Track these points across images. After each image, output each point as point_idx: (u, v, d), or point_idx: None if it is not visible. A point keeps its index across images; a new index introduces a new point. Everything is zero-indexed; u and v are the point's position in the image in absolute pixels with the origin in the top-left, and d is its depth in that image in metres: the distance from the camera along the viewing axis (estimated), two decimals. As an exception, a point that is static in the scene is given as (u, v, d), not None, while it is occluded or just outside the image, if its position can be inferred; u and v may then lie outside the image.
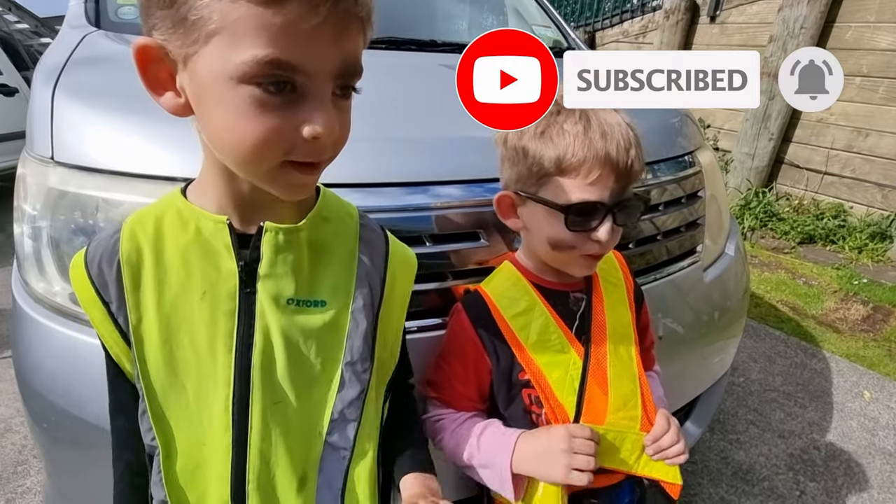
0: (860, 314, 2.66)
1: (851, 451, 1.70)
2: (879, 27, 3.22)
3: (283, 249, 0.48)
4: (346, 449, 0.53)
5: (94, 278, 0.48)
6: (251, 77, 0.36)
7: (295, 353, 0.50)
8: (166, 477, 0.50)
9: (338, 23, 0.37)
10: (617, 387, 0.64)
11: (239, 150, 0.40)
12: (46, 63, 0.98)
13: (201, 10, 0.35)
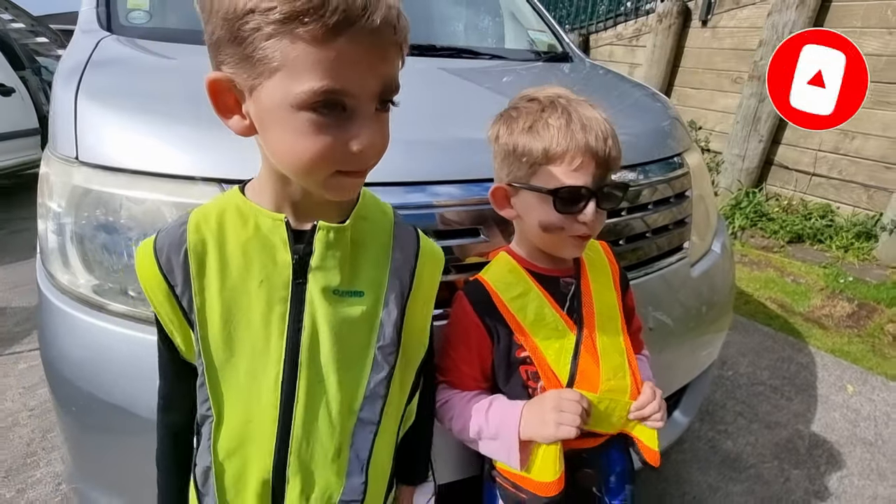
0: (845, 311, 2.74)
1: (834, 440, 1.77)
2: (865, 32, 3.30)
3: (332, 246, 0.54)
4: (373, 423, 0.59)
5: (162, 265, 0.53)
6: (308, 104, 0.42)
7: (337, 337, 0.55)
8: (215, 444, 0.55)
9: (379, 51, 0.43)
10: (607, 360, 0.69)
11: (298, 165, 0.46)
12: (65, 66, 1.03)
13: (265, 50, 0.40)
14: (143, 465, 0.77)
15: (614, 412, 0.69)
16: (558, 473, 0.65)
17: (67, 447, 0.87)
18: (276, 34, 0.39)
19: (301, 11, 0.38)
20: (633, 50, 5.32)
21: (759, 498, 1.52)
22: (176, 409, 0.61)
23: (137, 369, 0.75)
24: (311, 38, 0.39)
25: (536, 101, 0.69)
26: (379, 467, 0.61)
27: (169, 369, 0.60)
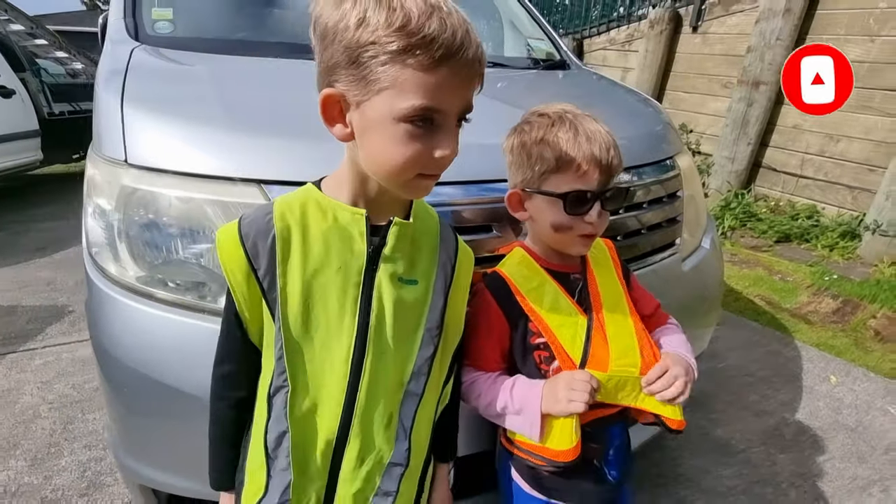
0: (830, 307, 2.86)
1: (818, 427, 1.87)
2: (849, 40, 3.44)
3: (401, 239, 0.63)
4: (417, 395, 0.68)
5: (247, 249, 0.60)
6: (408, 117, 0.51)
7: (397, 318, 0.64)
8: (290, 412, 0.62)
9: (466, 80, 0.53)
10: (616, 341, 0.78)
11: (391, 166, 0.55)
12: (104, 74, 1.11)
13: (378, 74, 0.50)
14: (186, 438, 0.86)
15: (625, 387, 0.77)
16: (574, 442, 0.73)
17: (115, 424, 0.94)
18: (390, 61, 0.49)
19: (414, 45, 0.48)
20: (626, 55, 5.45)
21: (747, 480, 1.61)
22: (237, 387, 0.68)
23: (185, 351, 0.84)
24: (419, 66, 0.49)
25: (546, 116, 0.77)
26: (420, 437, 0.70)
27: (234, 350, 0.66)
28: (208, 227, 0.87)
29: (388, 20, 0.47)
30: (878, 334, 2.59)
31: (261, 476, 0.64)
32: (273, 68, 1.28)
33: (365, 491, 0.66)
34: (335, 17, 0.50)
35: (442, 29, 0.48)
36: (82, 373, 2.04)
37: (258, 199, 0.86)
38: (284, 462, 0.63)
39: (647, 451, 1.71)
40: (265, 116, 1.00)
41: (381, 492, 0.67)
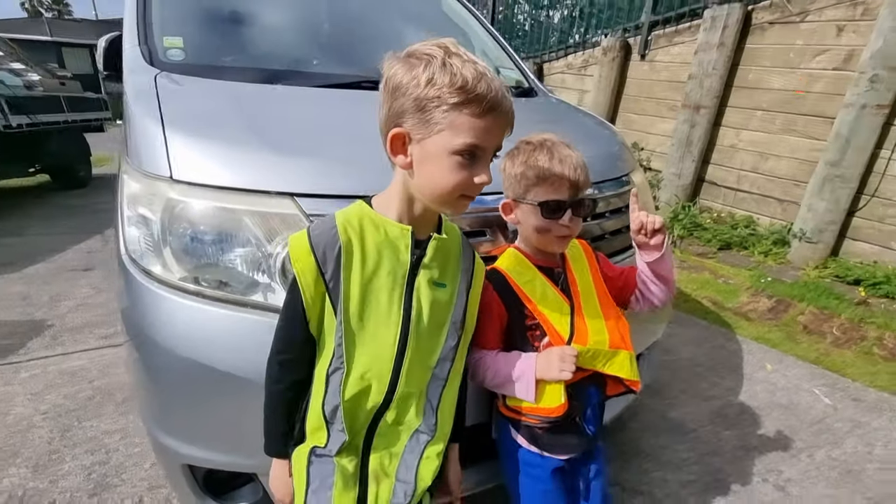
0: (766, 306, 3.22)
1: (756, 407, 2.15)
2: (773, 71, 3.91)
3: (437, 251, 0.78)
4: (442, 379, 0.84)
5: (318, 257, 0.74)
6: (459, 152, 0.68)
7: (431, 313, 0.79)
8: (343, 389, 0.76)
9: (503, 126, 0.72)
10: (591, 322, 0.98)
11: (442, 189, 0.71)
12: (136, 98, 1.23)
13: (438, 119, 0.67)
14: (229, 416, 0.99)
15: (598, 357, 0.97)
16: (562, 401, 0.92)
17: (158, 409, 1.05)
18: (449, 110, 0.66)
19: (469, 100, 0.66)
20: (583, 78, 5.86)
21: (698, 453, 1.85)
22: (295, 372, 0.80)
23: (227, 338, 0.97)
24: (471, 114, 0.67)
25: (531, 143, 0.97)
26: (445, 415, 0.85)
27: (294, 340, 0.79)
28: (246, 234, 1.01)
29: (451, 81, 0.65)
30: (806, 328, 2.95)
31: (321, 435, 0.79)
32: (288, 93, 1.43)
33: (393, 445, 0.82)
34: (408, 77, 0.67)
35: (489, 90, 0.67)
36: (72, 384, 2.07)
37: (291, 210, 1.01)
38: (339, 426, 0.78)
39: (615, 433, 1.93)
40: (292, 137, 1.16)
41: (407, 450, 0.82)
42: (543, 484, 1.01)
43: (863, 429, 2.04)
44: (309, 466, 0.79)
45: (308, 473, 0.79)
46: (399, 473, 0.82)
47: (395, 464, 0.82)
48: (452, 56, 0.67)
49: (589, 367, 0.96)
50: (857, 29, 3.39)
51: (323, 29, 2.03)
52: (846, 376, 2.44)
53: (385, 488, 0.81)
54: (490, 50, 2.41)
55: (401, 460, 0.82)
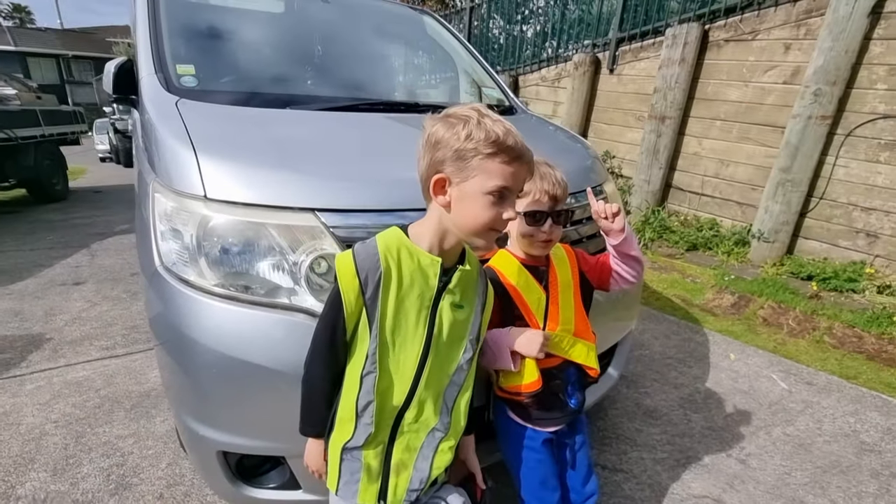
0: (729, 302, 3.48)
1: (720, 392, 2.38)
2: (730, 84, 4.24)
3: (461, 279, 0.91)
4: (458, 385, 0.99)
5: (361, 280, 0.85)
6: (491, 192, 0.80)
7: (451, 331, 0.92)
8: (376, 387, 0.89)
9: (526, 172, 0.85)
10: (562, 312, 1.15)
11: (475, 223, 0.82)
12: (161, 122, 1.36)
13: (475, 166, 0.80)
14: (263, 405, 1.13)
15: (562, 342, 1.15)
16: (536, 377, 1.09)
17: (196, 402, 1.17)
18: (483, 158, 0.80)
19: (500, 151, 0.80)
20: (556, 90, 6.14)
21: (670, 435, 2.05)
22: (331, 368, 0.93)
23: (260, 336, 1.11)
24: (501, 161, 0.81)
25: None
26: (459, 415, 1.00)
27: (336, 342, 0.90)
28: (272, 244, 1.15)
29: (486, 136, 0.79)
30: (765, 321, 3.22)
31: (349, 426, 0.92)
32: (299, 116, 1.58)
33: (413, 441, 0.96)
34: (449, 133, 0.81)
35: (515, 143, 0.81)
36: (79, 393, 2.14)
37: (313, 223, 1.16)
38: (368, 419, 0.92)
39: (596, 420, 2.12)
40: (308, 156, 1.31)
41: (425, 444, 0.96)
42: (537, 454, 1.18)
43: (813, 408, 2.28)
44: (341, 463, 0.94)
45: (340, 469, 0.94)
46: (416, 464, 0.96)
47: (414, 457, 0.96)
48: (485, 117, 0.81)
49: (555, 353, 1.14)
50: (802, 47, 3.74)
51: (320, 55, 2.18)
52: (800, 363, 2.70)
53: (404, 478, 0.95)
54: (472, 71, 2.60)
55: (419, 453, 0.96)
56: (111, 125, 11.36)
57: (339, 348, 0.92)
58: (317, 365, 0.94)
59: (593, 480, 1.28)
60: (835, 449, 2.00)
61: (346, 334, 0.91)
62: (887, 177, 3.43)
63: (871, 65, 3.41)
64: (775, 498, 1.73)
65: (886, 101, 3.37)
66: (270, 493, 1.24)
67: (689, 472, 1.84)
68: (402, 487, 0.95)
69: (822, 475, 1.85)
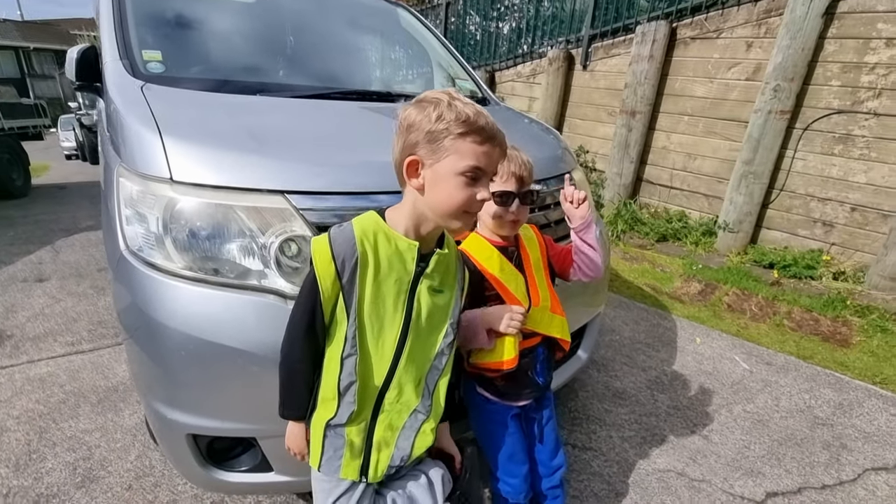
0: (696, 289, 3.61)
1: (686, 374, 2.47)
2: (695, 80, 4.38)
3: (439, 263, 0.91)
4: (439, 369, 1.00)
5: (337, 266, 0.84)
6: (464, 173, 0.80)
7: (430, 315, 0.92)
8: (356, 368, 0.90)
9: (499, 153, 0.85)
10: (540, 290, 1.19)
11: (449, 205, 0.82)
12: (127, 107, 1.34)
13: (447, 146, 0.80)
14: (234, 386, 1.13)
15: (542, 318, 1.19)
16: (514, 354, 1.13)
17: (165, 386, 1.17)
18: (455, 138, 0.80)
19: (470, 130, 0.81)
20: (531, 86, 6.22)
21: (637, 414, 2.13)
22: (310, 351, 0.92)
23: (229, 317, 1.11)
24: (473, 141, 0.81)
25: None
26: (439, 397, 1.02)
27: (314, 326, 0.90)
28: (241, 227, 1.16)
29: (456, 117, 0.79)
30: (729, 307, 3.35)
31: (332, 405, 0.93)
32: (269, 103, 1.57)
33: (395, 420, 0.97)
34: (420, 116, 0.81)
35: (486, 123, 0.82)
36: (42, 389, 2.08)
37: (282, 205, 1.16)
38: (351, 398, 0.93)
39: (566, 401, 2.18)
40: (278, 140, 1.31)
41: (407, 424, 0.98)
42: (505, 428, 1.22)
43: (772, 387, 2.39)
44: (324, 440, 0.95)
45: (323, 445, 0.95)
46: (398, 443, 0.98)
47: (396, 435, 0.98)
48: (455, 100, 0.81)
49: (533, 328, 1.18)
50: (763, 45, 3.89)
51: (292, 45, 2.16)
52: (761, 345, 2.82)
53: (385, 455, 0.97)
54: (446, 63, 2.62)
55: (400, 433, 0.98)
56: (77, 121, 10.91)
57: (317, 333, 0.92)
58: (296, 350, 0.93)
59: (561, 454, 1.33)
60: (790, 423, 2.11)
61: (325, 319, 0.91)
62: (841, 168, 3.61)
63: (825, 62, 3.58)
64: (734, 469, 1.82)
65: (840, 97, 3.54)
66: (242, 475, 1.24)
67: (655, 448, 1.91)
68: (384, 464, 0.97)
69: (778, 447, 1.95)
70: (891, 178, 3.40)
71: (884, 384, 2.46)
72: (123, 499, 1.55)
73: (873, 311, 3.17)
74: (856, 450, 1.96)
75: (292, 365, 0.95)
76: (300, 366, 0.94)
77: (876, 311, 3.17)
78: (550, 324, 1.22)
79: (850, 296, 3.35)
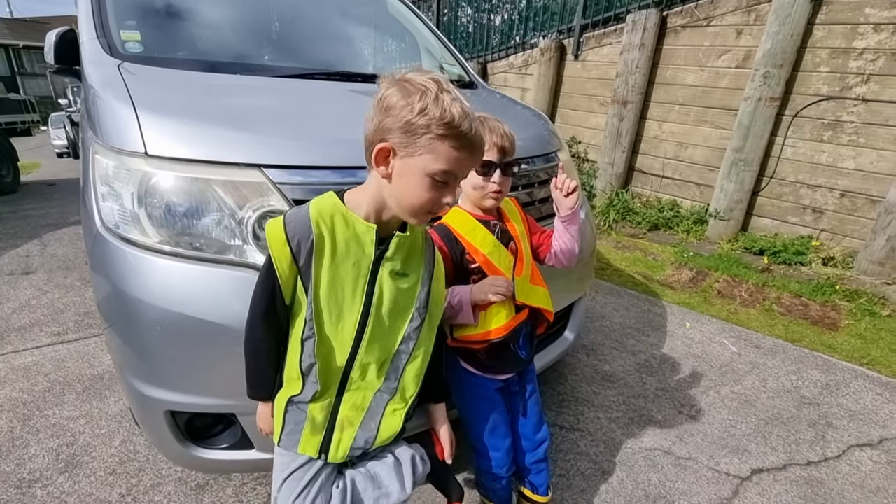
0: (687, 277, 3.62)
1: (675, 357, 2.48)
2: (686, 69, 4.37)
3: (399, 246, 0.88)
4: (407, 352, 0.95)
5: (292, 247, 0.82)
6: (434, 175, 0.76)
7: (392, 300, 0.89)
8: (315, 351, 0.88)
9: (475, 160, 0.81)
10: (525, 259, 1.18)
11: (411, 203, 0.79)
12: (103, 84, 1.32)
13: (423, 143, 0.75)
14: (211, 362, 1.12)
15: (525, 288, 1.18)
16: (507, 320, 1.12)
17: (142, 363, 1.15)
18: (434, 138, 0.74)
19: (452, 134, 0.75)
20: (524, 77, 6.20)
21: (625, 396, 2.13)
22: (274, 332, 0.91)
23: (205, 291, 1.10)
24: (451, 146, 0.75)
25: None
26: (408, 381, 0.97)
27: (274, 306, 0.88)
28: (218, 201, 1.14)
29: (440, 115, 0.73)
30: (720, 293, 3.36)
31: (298, 384, 0.92)
32: (248, 82, 1.56)
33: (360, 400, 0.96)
34: (403, 102, 0.74)
35: (470, 129, 0.76)
36: (26, 378, 2.06)
37: (259, 179, 1.15)
38: (314, 378, 0.91)
39: (555, 384, 2.18)
40: (256, 116, 1.29)
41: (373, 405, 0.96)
42: (488, 401, 1.22)
43: (760, 369, 2.40)
44: (286, 414, 0.94)
45: (284, 419, 0.94)
46: (363, 423, 0.96)
47: (361, 416, 0.96)
48: (444, 93, 0.75)
49: (520, 300, 1.17)
50: (752, 32, 3.89)
51: (274, 26, 2.14)
52: (750, 329, 2.83)
53: (348, 435, 0.95)
54: (433, 48, 2.61)
55: (366, 413, 0.96)
56: (67, 118, 10.80)
57: (279, 314, 0.90)
58: (257, 330, 0.92)
59: (545, 428, 1.32)
60: (777, 403, 2.12)
61: (285, 300, 0.89)
62: (830, 155, 3.62)
63: (814, 48, 3.58)
64: (721, 448, 1.82)
65: (829, 83, 3.55)
66: (222, 453, 1.23)
67: (642, 428, 1.91)
68: (346, 444, 0.95)
69: (764, 426, 1.96)
70: (879, 163, 3.41)
71: (870, 365, 2.47)
72: (107, 483, 1.54)
73: (861, 295, 3.19)
74: (841, 428, 1.97)
75: (254, 344, 0.93)
76: (262, 345, 0.93)
77: (864, 295, 3.19)
78: (533, 294, 1.21)
79: (839, 281, 3.37)
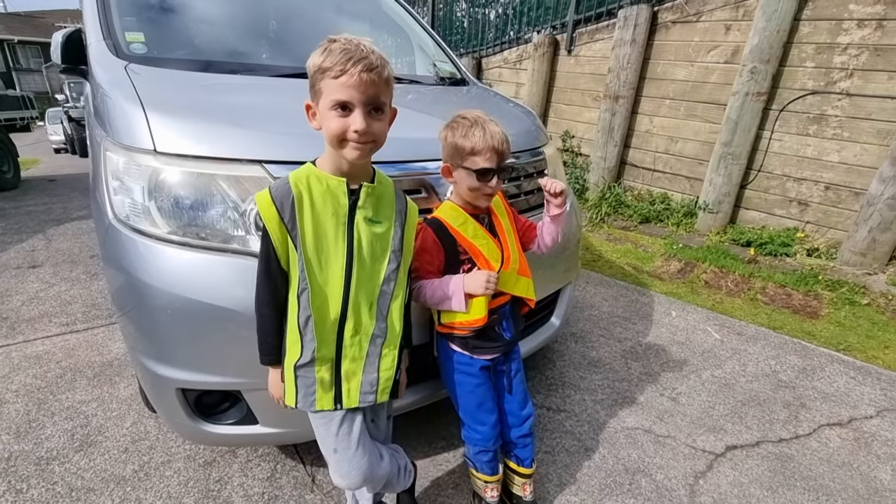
0: (676, 268, 3.72)
1: (660, 344, 2.58)
2: (677, 64, 4.45)
3: (369, 196, 1.02)
4: (389, 293, 1.09)
5: (278, 207, 0.95)
6: (333, 106, 0.91)
7: (371, 245, 1.03)
8: (310, 303, 1.00)
9: (366, 84, 0.90)
10: (512, 253, 1.28)
11: (331, 136, 0.93)
12: (111, 84, 1.40)
13: (319, 87, 0.92)
14: (220, 342, 1.21)
15: (509, 279, 1.28)
16: (484, 313, 1.22)
17: (153, 344, 1.25)
18: (322, 79, 0.91)
19: (339, 72, 0.89)
20: (518, 72, 6.27)
21: (610, 380, 2.23)
22: (276, 296, 1.03)
23: (212, 277, 1.19)
24: (332, 77, 0.89)
25: (467, 119, 1.22)
26: (393, 320, 1.11)
27: (272, 273, 1.01)
28: (222, 194, 1.23)
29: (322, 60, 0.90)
30: (707, 283, 3.47)
31: (297, 347, 1.03)
32: (248, 81, 1.64)
33: (357, 353, 1.07)
34: (310, 63, 0.93)
35: (348, 60, 0.88)
36: (39, 365, 2.16)
37: (260, 173, 1.24)
38: (310, 335, 1.02)
39: (543, 370, 2.28)
40: (256, 115, 1.38)
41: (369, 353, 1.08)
42: (475, 379, 1.32)
43: (741, 354, 2.51)
44: (296, 380, 1.05)
45: (296, 385, 1.06)
46: (365, 370, 1.08)
47: (361, 365, 1.08)
48: (336, 41, 0.91)
49: (501, 288, 1.27)
50: (740, 28, 3.96)
51: (271, 26, 2.22)
52: (734, 317, 2.94)
53: (355, 384, 1.08)
54: (426, 46, 2.68)
55: (365, 362, 1.08)
56: (65, 114, 10.84)
57: (276, 277, 1.02)
58: (261, 295, 1.04)
59: (530, 405, 1.43)
60: (755, 386, 2.23)
61: (280, 262, 1.01)
62: (815, 148, 3.71)
63: (800, 44, 3.66)
64: (698, 427, 1.93)
65: (814, 78, 3.63)
66: (229, 428, 1.33)
67: (625, 409, 2.02)
68: (355, 391, 1.08)
69: (741, 407, 2.07)
70: (862, 156, 3.50)
71: (847, 351, 2.58)
72: (121, 460, 1.64)
73: (843, 285, 3.29)
74: (814, 408, 2.08)
75: (259, 310, 1.06)
76: (267, 311, 1.05)
77: (846, 285, 3.29)
78: (517, 284, 1.31)
79: (823, 271, 3.47)
